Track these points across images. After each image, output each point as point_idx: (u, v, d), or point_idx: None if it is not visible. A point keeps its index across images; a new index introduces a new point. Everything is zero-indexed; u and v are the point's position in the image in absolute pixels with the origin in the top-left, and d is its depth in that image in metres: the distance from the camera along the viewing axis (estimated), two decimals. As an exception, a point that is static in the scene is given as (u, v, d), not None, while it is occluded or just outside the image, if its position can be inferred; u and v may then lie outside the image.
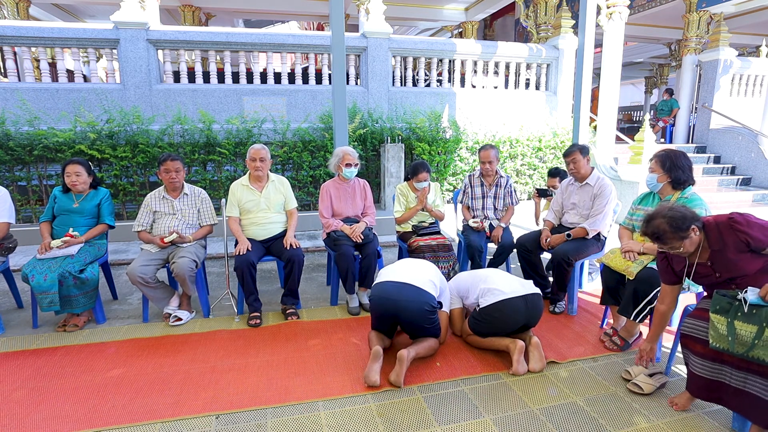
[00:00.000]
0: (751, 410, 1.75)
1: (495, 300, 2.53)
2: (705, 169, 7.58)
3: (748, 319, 1.70)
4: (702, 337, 1.89)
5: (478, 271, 2.87)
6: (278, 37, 6.36)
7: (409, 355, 2.36)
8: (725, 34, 8.12)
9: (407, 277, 2.53)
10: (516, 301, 2.52)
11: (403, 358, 2.31)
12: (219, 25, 11.45)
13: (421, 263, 2.76)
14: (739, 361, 1.76)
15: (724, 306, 1.78)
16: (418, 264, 2.73)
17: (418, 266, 2.68)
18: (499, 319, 2.54)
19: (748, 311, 1.71)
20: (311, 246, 4.98)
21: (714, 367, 1.86)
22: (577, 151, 3.25)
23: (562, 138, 6.83)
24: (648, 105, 15.72)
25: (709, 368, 1.88)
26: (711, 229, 1.93)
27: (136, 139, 5.20)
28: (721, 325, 1.77)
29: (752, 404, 1.74)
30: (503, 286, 2.58)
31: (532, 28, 8.21)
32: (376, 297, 2.51)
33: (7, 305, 3.44)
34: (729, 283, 1.92)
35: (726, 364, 1.81)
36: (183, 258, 2.98)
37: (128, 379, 2.40)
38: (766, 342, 1.65)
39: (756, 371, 1.72)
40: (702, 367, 1.90)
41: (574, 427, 2.02)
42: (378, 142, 6.00)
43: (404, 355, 2.32)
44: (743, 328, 1.70)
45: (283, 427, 2.03)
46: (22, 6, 8.54)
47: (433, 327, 2.52)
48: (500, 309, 2.52)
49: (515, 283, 2.63)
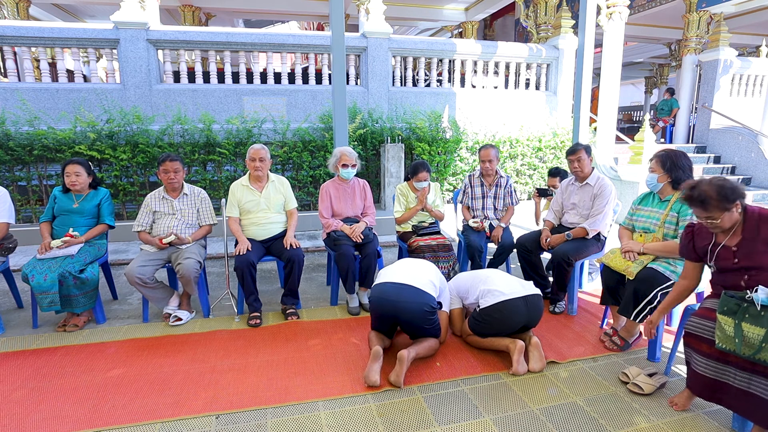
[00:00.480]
0: (754, 411, 1.75)
1: (495, 301, 2.53)
2: (705, 169, 7.58)
3: (756, 321, 1.69)
4: (707, 336, 1.87)
5: (478, 272, 2.87)
6: (278, 37, 6.36)
7: (409, 355, 2.36)
8: (725, 34, 8.12)
9: (407, 278, 2.52)
10: (516, 302, 2.51)
11: (403, 359, 2.31)
12: (219, 25, 11.45)
13: (421, 263, 2.76)
14: (745, 362, 1.75)
15: (731, 307, 1.77)
16: (418, 264, 2.73)
17: (417, 266, 2.68)
18: (499, 320, 2.54)
19: (758, 313, 1.70)
20: (311, 246, 4.98)
21: (719, 367, 1.84)
22: (582, 150, 3.25)
23: (562, 138, 6.83)
24: (648, 105, 15.71)
25: (713, 368, 1.86)
26: (751, 217, 1.90)
27: (136, 139, 5.20)
28: (728, 327, 1.76)
29: (756, 405, 1.73)
30: (503, 287, 2.58)
31: (532, 28, 8.21)
32: (375, 298, 2.51)
33: (7, 305, 3.44)
34: (742, 271, 1.88)
35: (731, 365, 1.80)
36: (188, 259, 2.98)
37: (128, 379, 2.40)
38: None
39: (761, 372, 1.71)
40: (706, 366, 1.88)
41: (574, 427, 2.02)
42: (378, 142, 6.00)
43: (404, 356, 2.32)
44: (751, 330, 1.69)
45: (283, 427, 2.03)
46: (22, 6, 8.54)
47: (432, 327, 2.52)
48: (500, 310, 2.52)
49: (515, 284, 2.63)
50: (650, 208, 2.70)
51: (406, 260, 2.82)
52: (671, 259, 2.53)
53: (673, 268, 2.48)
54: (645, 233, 2.68)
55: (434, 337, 2.58)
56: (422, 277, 2.57)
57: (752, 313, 1.71)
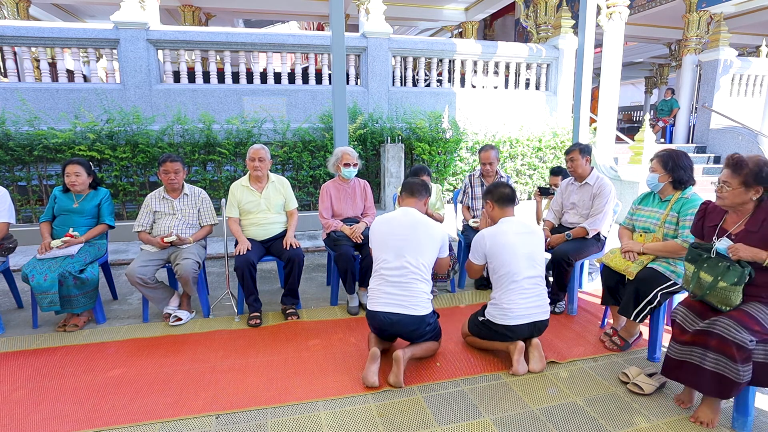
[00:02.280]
0: (702, 384, 1.95)
1: (503, 322, 2.47)
2: (705, 169, 7.58)
3: (710, 270, 1.98)
4: (685, 326, 2.03)
5: (505, 257, 2.49)
6: (278, 37, 6.36)
7: (405, 355, 2.34)
8: (725, 34, 8.12)
9: (399, 294, 2.37)
10: (523, 326, 2.47)
11: (398, 359, 2.30)
12: (219, 25, 11.45)
13: (410, 240, 2.43)
14: (702, 338, 1.94)
15: (694, 257, 2.07)
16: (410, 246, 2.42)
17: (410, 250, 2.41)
18: (502, 335, 2.51)
19: (714, 263, 1.97)
20: (311, 246, 4.98)
21: (683, 349, 2.02)
22: (577, 150, 3.25)
23: (562, 138, 6.83)
24: (648, 105, 15.71)
25: (679, 351, 2.04)
26: (761, 210, 1.96)
27: (136, 140, 5.20)
28: (689, 272, 2.10)
29: (705, 378, 1.93)
30: (516, 306, 2.44)
31: (532, 28, 8.21)
32: (370, 320, 2.47)
33: (7, 305, 3.44)
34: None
35: (696, 345, 1.97)
36: (187, 260, 2.98)
37: (128, 379, 2.40)
38: (715, 291, 1.95)
39: (714, 348, 1.89)
40: (676, 350, 2.05)
41: (574, 427, 2.02)
42: (378, 142, 6.00)
43: (400, 356, 2.31)
44: (705, 277, 2.00)
45: (283, 427, 2.03)
46: (22, 6, 8.54)
47: (433, 333, 2.50)
48: (505, 331, 2.48)
49: (530, 305, 2.47)
50: (650, 208, 2.70)
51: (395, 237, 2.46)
52: (671, 259, 2.53)
53: (673, 268, 2.48)
54: (645, 233, 2.68)
55: (434, 340, 2.56)
56: (416, 276, 2.39)
57: (709, 264, 1.99)
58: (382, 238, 2.49)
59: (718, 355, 1.88)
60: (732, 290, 1.90)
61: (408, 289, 2.38)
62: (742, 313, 1.90)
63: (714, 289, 1.95)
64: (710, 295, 1.97)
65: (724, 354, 1.85)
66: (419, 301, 2.39)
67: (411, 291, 2.38)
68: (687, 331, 2.01)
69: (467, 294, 3.69)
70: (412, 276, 2.38)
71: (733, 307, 1.93)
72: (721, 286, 1.92)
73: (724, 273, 1.91)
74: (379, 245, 2.49)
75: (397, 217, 2.53)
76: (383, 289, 2.41)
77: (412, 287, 2.38)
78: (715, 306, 1.98)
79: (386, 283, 2.40)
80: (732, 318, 1.88)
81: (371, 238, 2.57)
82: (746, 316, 1.88)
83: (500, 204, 2.60)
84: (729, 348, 1.83)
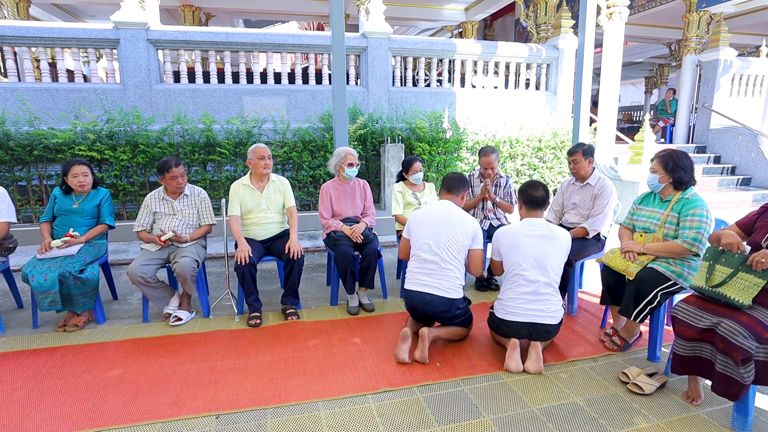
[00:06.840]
0: (714, 382, 1.99)
1: (500, 316, 2.61)
2: (705, 169, 7.58)
3: (728, 263, 2.01)
4: (689, 321, 2.05)
5: (511, 255, 2.61)
6: (278, 37, 6.35)
7: (430, 333, 2.58)
8: (725, 34, 8.11)
9: (434, 277, 2.61)
10: (519, 325, 2.53)
11: (424, 336, 2.55)
12: (219, 25, 11.44)
13: (445, 229, 2.65)
14: (709, 336, 1.96)
15: (713, 254, 2.11)
16: (446, 234, 2.64)
17: (446, 239, 2.63)
18: (500, 328, 2.65)
19: (733, 257, 1.99)
20: (311, 246, 4.98)
21: (694, 345, 2.04)
22: (580, 152, 3.26)
23: (562, 138, 6.83)
24: (648, 105, 15.72)
25: (690, 347, 2.06)
26: None
27: (136, 140, 5.19)
28: (703, 270, 2.12)
29: (717, 378, 1.96)
30: (512, 305, 2.54)
31: (532, 28, 8.21)
32: (406, 300, 2.74)
33: (7, 305, 3.44)
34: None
35: (705, 342, 2.00)
36: (185, 258, 2.98)
37: (128, 379, 2.40)
38: (735, 282, 1.96)
39: (721, 349, 1.90)
40: (685, 347, 2.07)
41: (574, 427, 2.02)
42: (378, 142, 5.99)
43: (425, 333, 2.56)
44: (721, 270, 2.03)
45: (283, 427, 2.03)
46: (22, 6, 8.54)
47: (463, 317, 2.72)
48: (501, 324, 2.62)
49: (529, 306, 2.51)
50: (651, 208, 2.70)
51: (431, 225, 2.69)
52: (671, 259, 2.53)
53: (673, 268, 2.48)
54: (645, 233, 2.68)
55: (463, 326, 2.76)
56: (450, 266, 2.62)
57: (728, 258, 2.02)
58: (419, 226, 2.74)
59: (725, 357, 1.89)
60: (759, 284, 1.89)
61: (441, 274, 2.62)
62: (751, 318, 1.88)
63: (733, 278, 1.95)
64: (727, 285, 1.97)
65: (730, 357, 1.87)
66: (451, 285, 2.62)
67: (444, 275, 2.62)
68: (692, 327, 2.02)
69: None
70: (445, 263, 2.62)
71: (749, 303, 1.91)
72: (743, 277, 1.93)
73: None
74: (417, 233, 2.75)
75: (435, 208, 2.80)
76: (420, 271, 2.67)
77: (446, 273, 2.62)
78: (727, 299, 1.96)
79: (422, 267, 2.67)
80: (740, 323, 1.87)
81: (410, 227, 2.81)
82: (755, 321, 1.87)
83: (528, 206, 2.72)
84: (733, 352, 1.84)
